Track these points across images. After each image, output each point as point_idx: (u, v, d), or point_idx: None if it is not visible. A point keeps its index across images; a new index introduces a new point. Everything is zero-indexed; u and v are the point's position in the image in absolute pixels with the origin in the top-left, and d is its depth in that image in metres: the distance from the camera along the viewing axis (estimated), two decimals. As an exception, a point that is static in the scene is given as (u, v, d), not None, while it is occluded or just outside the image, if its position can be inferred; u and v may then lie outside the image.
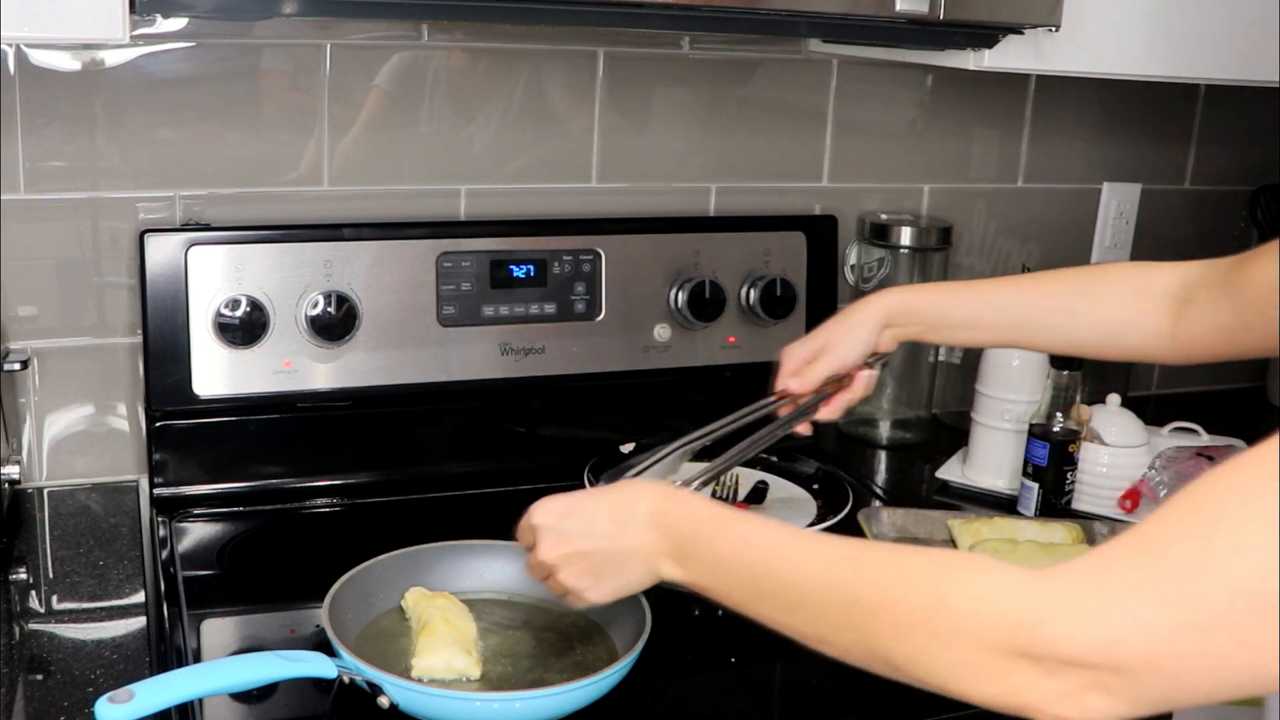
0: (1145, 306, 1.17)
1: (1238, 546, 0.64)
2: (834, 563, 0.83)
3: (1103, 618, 0.67)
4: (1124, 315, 1.19)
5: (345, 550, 1.24)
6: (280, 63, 1.53)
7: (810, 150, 1.81)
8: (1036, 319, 1.23)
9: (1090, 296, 1.20)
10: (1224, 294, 1.11)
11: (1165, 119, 2.02)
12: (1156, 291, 1.17)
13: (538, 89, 1.65)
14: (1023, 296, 1.24)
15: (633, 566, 0.98)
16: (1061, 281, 1.25)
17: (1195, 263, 1.17)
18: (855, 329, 1.26)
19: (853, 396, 1.30)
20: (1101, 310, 1.20)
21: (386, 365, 1.53)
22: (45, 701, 1.08)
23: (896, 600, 0.77)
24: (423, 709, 1.05)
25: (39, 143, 1.45)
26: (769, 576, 0.88)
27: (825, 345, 1.27)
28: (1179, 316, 1.15)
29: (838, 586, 0.81)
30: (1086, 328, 1.21)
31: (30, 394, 1.51)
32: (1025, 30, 1.39)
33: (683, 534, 0.95)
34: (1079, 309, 1.21)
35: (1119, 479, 1.60)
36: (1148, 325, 1.17)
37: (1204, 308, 1.13)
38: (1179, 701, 0.68)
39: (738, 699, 1.17)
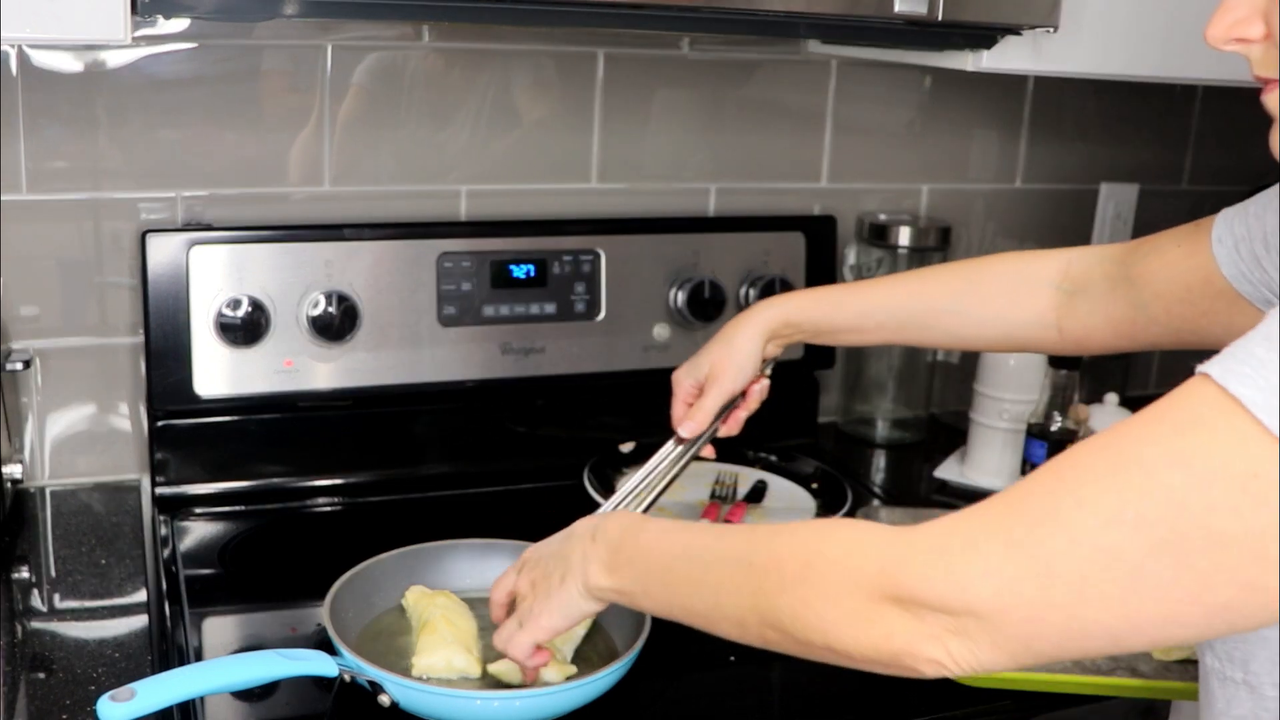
0: (1028, 300, 1.16)
1: (1082, 500, 0.66)
2: (733, 537, 0.88)
3: (955, 562, 0.70)
4: (1007, 310, 1.18)
5: (346, 549, 1.25)
6: (281, 63, 1.53)
7: (809, 151, 1.81)
8: (920, 318, 1.23)
9: (971, 294, 1.19)
10: (1119, 286, 1.10)
11: (1163, 119, 2.03)
12: (1039, 283, 1.16)
13: (537, 89, 1.65)
14: (904, 298, 1.23)
15: (570, 580, 0.98)
16: (943, 279, 1.23)
17: (1079, 250, 1.16)
18: (738, 355, 1.25)
19: (748, 410, 1.31)
20: (984, 307, 1.19)
21: (387, 365, 1.53)
22: (47, 700, 1.08)
23: (780, 559, 0.80)
24: (423, 707, 1.05)
25: (41, 143, 1.45)
26: (683, 559, 0.91)
27: (711, 374, 1.26)
28: (1065, 309, 1.14)
29: (733, 555, 0.85)
30: (972, 325, 1.20)
31: (32, 393, 1.52)
32: (1023, 31, 1.39)
33: (612, 537, 0.96)
34: (961, 307, 1.20)
35: (1117, 478, 1.60)
36: (1031, 319, 1.16)
37: (1094, 300, 1.12)
38: (1044, 653, 0.69)
39: (737, 699, 1.17)
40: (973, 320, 1.19)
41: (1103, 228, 2.01)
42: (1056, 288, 1.15)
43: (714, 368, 1.26)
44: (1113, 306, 1.10)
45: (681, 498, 1.54)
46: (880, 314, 1.24)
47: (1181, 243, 1.04)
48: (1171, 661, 1.21)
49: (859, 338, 1.29)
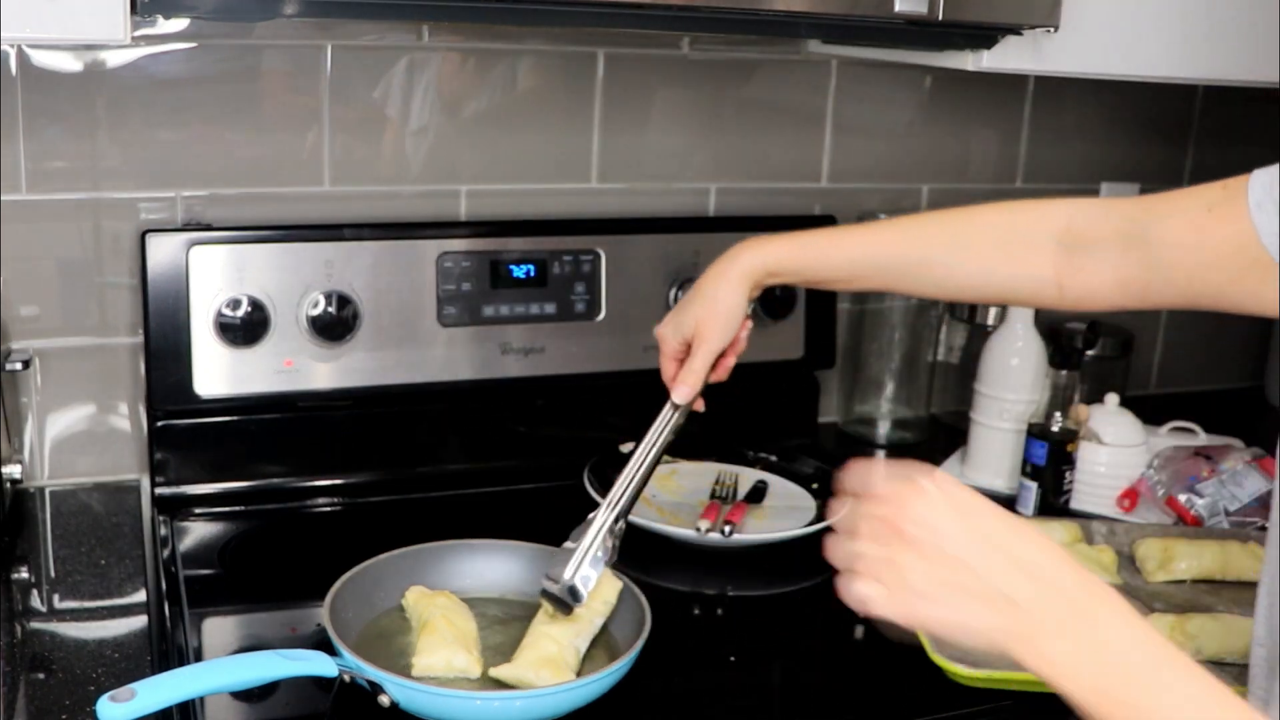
0: (1026, 255, 1.11)
1: None
2: None
3: None
4: (1002, 265, 1.12)
5: (345, 550, 1.25)
6: (281, 63, 1.53)
7: (809, 150, 1.81)
8: (909, 269, 1.18)
9: (965, 247, 1.14)
10: (1134, 247, 1.04)
11: (1164, 119, 2.03)
12: (1039, 237, 1.10)
13: (538, 89, 1.65)
14: (894, 247, 1.18)
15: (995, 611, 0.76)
16: (936, 229, 1.18)
17: (1083, 202, 1.11)
18: (723, 310, 1.20)
19: (737, 354, 1.26)
20: (979, 260, 1.13)
21: (386, 365, 1.53)
22: (47, 700, 1.08)
23: None
24: (423, 707, 1.05)
25: (41, 143, 1.45)
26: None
27: (698, 333, 1.21)
28: (1067, 265, 1.08)
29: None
30: (965, 277, 1.15)
31: (32, 393, 1.52)
32: (1024, 31, 1.39)
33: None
34: (953, 259, 1.15)
35: (1117, 478, 1.60)
36: (1029, 274, 1.11)
37: (1102, 258, 1.06)
38: None
39: (738, 699, 1.17)
40: (966, 273, 1.15)
41: (1103, 228, 2.00)
42: (1058, 243, 1.09)
43: (700, 325, 1.21)
44: (1124, 266, 1.04)
45: (682, 498, 1.54)
46: (867, 264, 1.19)
47: (1213, 207, 0.98)
48: (1172, 662, 1.21)
49: (845, 286, 1.26)
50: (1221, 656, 1.21)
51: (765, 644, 1.30)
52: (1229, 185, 0.97)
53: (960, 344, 1.88)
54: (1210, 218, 0.98)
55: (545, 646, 1.12)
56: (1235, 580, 1.40)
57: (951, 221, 1.17)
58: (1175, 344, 2.16)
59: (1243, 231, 0.95)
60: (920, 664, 1.18)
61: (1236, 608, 1.32)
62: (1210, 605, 1.33)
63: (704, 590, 1.38)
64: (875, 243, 1.20)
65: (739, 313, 1.22)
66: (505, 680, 1.10)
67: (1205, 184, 1.01)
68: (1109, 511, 1.58)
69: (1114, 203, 1.09)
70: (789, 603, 1.41)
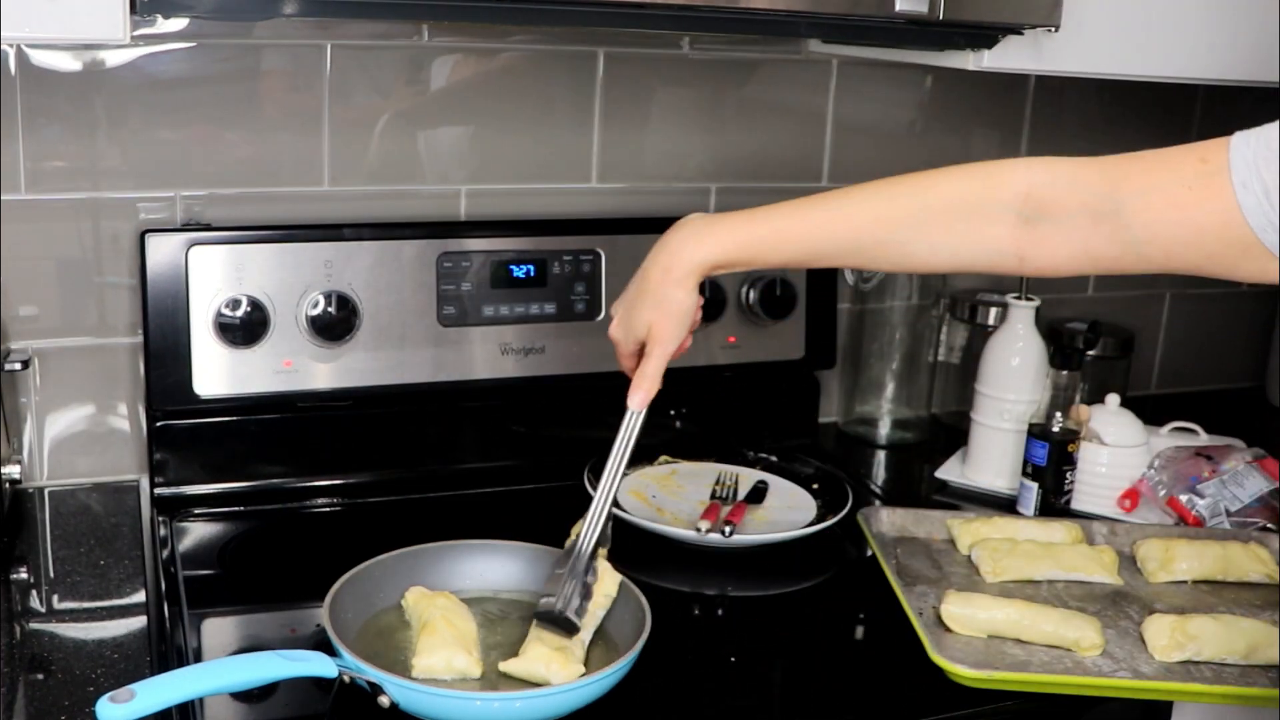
0: (983, 228, 1.06)
1: None
2: None
3: None
4: (958, 241, 1.08)
5: (345, 550, 1.25)
6: (281, 63, 1.53)
7: (810, 150, 1.81)
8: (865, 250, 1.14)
9: (924, 225, 1.09)
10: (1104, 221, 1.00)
11: (1165, 119, 2.02)
12: (996, 208, 1.06)
13: (538, 89, 1.65)
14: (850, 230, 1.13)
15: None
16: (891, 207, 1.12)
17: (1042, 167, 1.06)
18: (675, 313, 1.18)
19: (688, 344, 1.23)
20: (935, 236, 1.09)
21: (386, 365, 1.53)
22: (46, 701, 1.08)
23: None
24: (423, 708, 1.05)
25: (40, 143, 1.45)
26: None
27: (651, 336, 1.19)
28: (1028, 237, 1.04)
29: None
30: (923, 254, 1.11)
31: (31, 394, 1.52)
32: (1025, 30, 1.39)
33: None
34: (908, 237, 1.10)
35: (1118, 479, 1.60)
36: (988, 248, 1.07)
37: (1069, 230, 1.03)
38: None
39: (738, 699, 1.17)
40: (923, 249, 1.10)
41: (1103, 228, 2.00)
42: (1017, 213, 1.05)
43: (653, 328, 1.18)
44: (1093, 240, 1.02)
45: (682, 498, 1.54)
46: (820, 249, 1.14)
47: (1193, 185, 0.95)
48: (1174, 662, 1.21)
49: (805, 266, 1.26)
50: (1223, 657, 1.21)
51: (765, 644, 1.30)
52: (1207, 158, 0.95)
53: (961, 344, 1.88)
54: (1191, 196, 0.95)
55: (553, 639, 1.13)
56: (1236, 581, 1.40)
57: (905, 197, 1.12)
58: (1176, 344, 2.15)
59: (1226, 209, 0.93)
60: (920, 664, 1.18)
61: (1238, 608, 1.32)
62: (1211, 606, 1.33)
63: (704, 590, 1.38)
64: (827, 226, 1.14)
65: (690, 310, 1.19)
66: (516, 674, 1.10)
67: (1178, 150, 0.98)
68: (1110, 512, 1.58)
69: (1078, 171, 1.04)
70: (789, 603, 1.41)
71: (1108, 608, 1.32)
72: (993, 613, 1.24)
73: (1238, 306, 2.17)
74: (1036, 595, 1.33)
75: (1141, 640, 1.24)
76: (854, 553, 1.48)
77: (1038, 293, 1.69)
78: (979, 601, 1.26)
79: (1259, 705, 1.17)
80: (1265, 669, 1.20)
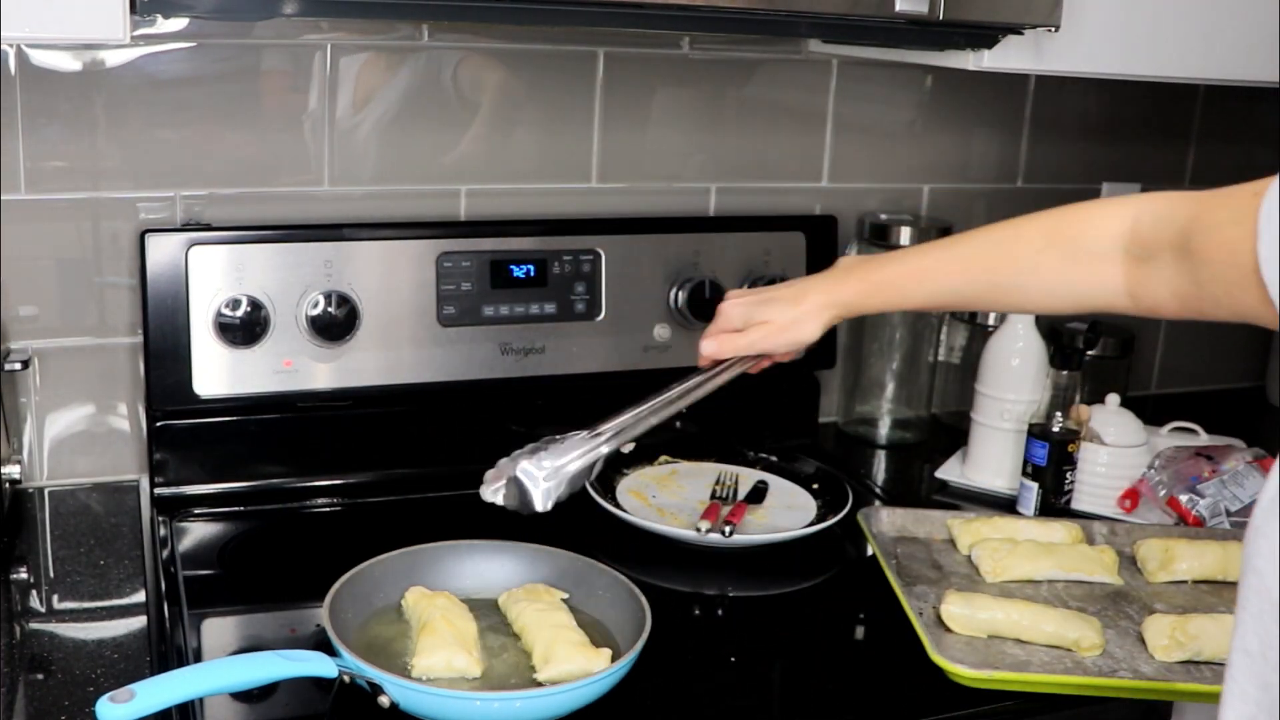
0: (1095, 267, 1.06)
1: None
2: None
3: None
4: (1074, 280, 1.08)
5: (345, 550, 1.25)
6: (281, 63, 1.53)
7: (810, 150, 1.81)
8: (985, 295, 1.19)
9: (1037, 268, 1.10)
10: (1182, 259, 0.97)
11: (1165, 119, 2.02)
12: (1107, 247, 1.05)
13: (538, 89, 1.65)
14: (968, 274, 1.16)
15: None
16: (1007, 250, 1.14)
17: (1147, 203, 1.03)
18: (800, 328, 1.23)
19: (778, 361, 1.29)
20: (1050, 277, 1.10)
21: (386, 365, 1.53)
22: (46, 701, 1.08)
23: None
24: (423, 708, 1.05)
25: (40, 143, 1.45)
26: None
27: (767, 325, 1.24)
28: (1136, 275, 1.03)
29: None
30: (1040, 296, 1.12)
31: (31, 394, 1.52)
32: (1025, 30, 1.39)
33: None
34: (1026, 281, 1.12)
35: (1118, 479, 1.60)
36: (1101, 288, 1.06)
37: (1162, 269, 0.99)
38: None
39: (738, 699, 1.17)
40: (1038, 291, 1.12)
41: (1104, 228, 2.00)
42: (1125, 251, 1.03)
43: (771, 324, 1.24)
44: (1177, 279, 0.98)
45: (682, 498, 1.54)
46: (942, 294, 1.20)
47: (1241, 221, 0.88)
48: (1174, 662, 1.21)
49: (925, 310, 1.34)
50: (1223, 658, 1.20)
51: (765, 644, 1.30)
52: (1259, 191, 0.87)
53: (961, 344, 1.88)
54: (1239, 233, 0.89)
55: (568, 635, 1.13)
56: (1236, 581, 1.39)
57: (1015, 240, 1.14)
58: (1176, 344, 2.15)
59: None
60: (920, 664, 1.18)
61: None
62: (1211, 606, 1.33)
63: (704, 590, 1.38)
64: (944, 270, 1.18)
65: (806, 339, 1.25)
66: (556, 679, 1.09)
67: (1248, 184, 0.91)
68: (1110, 512, 1.58)
69: (1174, 206, 1.00)
70: (789, 603, 1.41)
71: (1108, 608, 1.32)
72: (993, 613, 1.24)
73: (1238, 306, 2.17)
74: (1036, 595, 1.33)
75: (1141, 640, 1.24)
76: (854, 553, 1.48)
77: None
78: (979, 601, 1.26)
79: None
80: (1265, 669, 1.20)
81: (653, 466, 1.63)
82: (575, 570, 1.26)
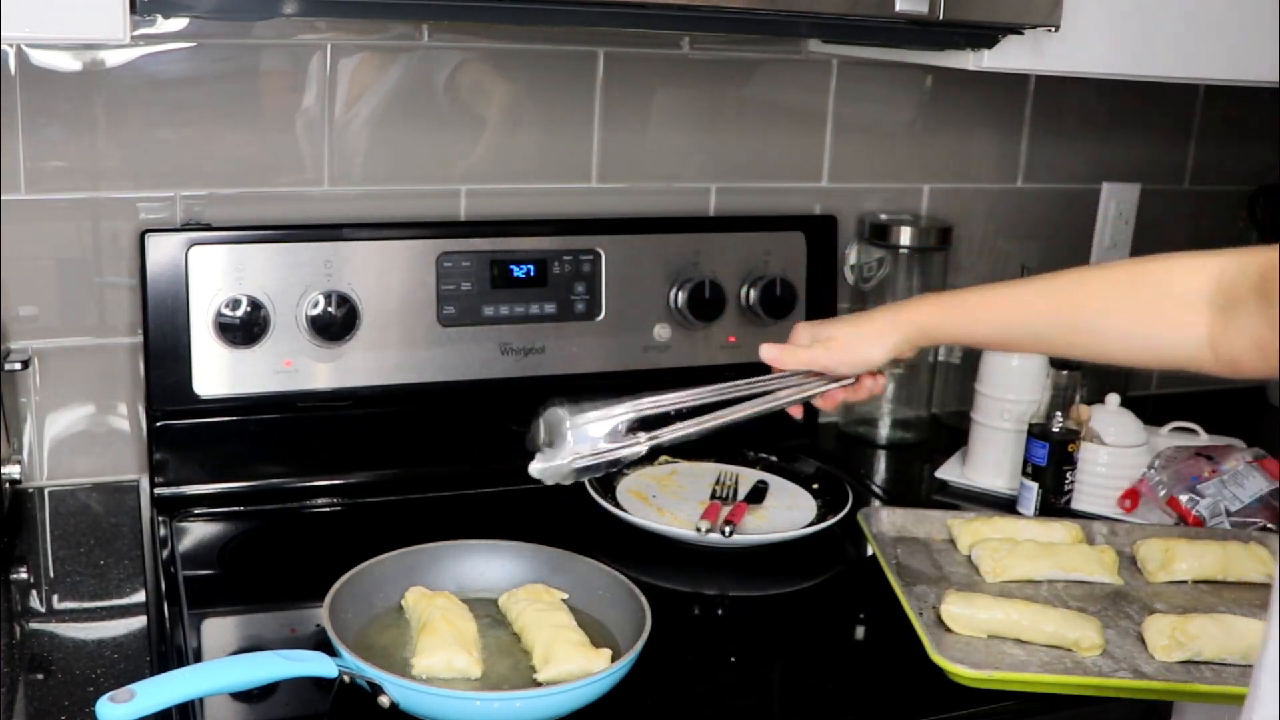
0: (1179, 314, 1.02)
1: None
2: None
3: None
4: (1154, 327, 1.05)
5: (345, 550, 1.25)
6: (281, 63, 1.53)
7: (810, 150, 1.81)
8: (1060, 334, 1.14)
9: (1116, 310, 1.08)
10: (1266, 305, 0.94)
11: (1165, 119, 2.02)
12: (1192, 295, 1.01)
13: (538, 89, 1.65)
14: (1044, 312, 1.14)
15: None
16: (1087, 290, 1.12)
17: (1233, 254, 1.00)
18: (865, 346, 1.22)
19: (854, 397, 1.27)
20: (1130, 322, 1.06)
21: (386, 365, 1.53)
22: (46, 701, 1.08)
23: None
24: (423, 708, 1.05)
25: (40, 143, 1.45)
26: None
27: (831, 341, 1.23)
28: (1219, 326, 0.99)
29: None
30: (1117, 341, 1.08)
31: (31, 394, 1.52)
32: (1025, 30, 1.39)
33: None
34: (1104, 323, 1.09)
35: (1118, 479, 1.60)
36: (1182, 338, 1.02)
37: (1244, 318, 0.96)
38: None
39: (738, 699, 1.17)
40: (1115, 335, 1.08)
41: (1104, 227, 2.00)
42: (1210, 301, 0.99)
43: (837, 341, 1.23)
44: (1258, 326, 0.95)
45: (682, 498, 1.54)
46: (1016, 327, 1.17)
47: None
48: (1174, 662, 1.21)
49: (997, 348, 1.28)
50: (1223, 658, 1.21)
51: (765, 644, 1.30)
52: None
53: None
54: None
55: (568, 635, 1.13)
56: (1237, 581, 1.39)
57: (1105, 279, 1.12)
58: (1176, 344, 2.15)
59: None
60: (920, 664, 1.18)
61: (1238, 609, 1.32)
62: (1212, 606, 1.33)
63: (704, 590, 1.38)
64: (1023, 306, 1.16)
65: (873, 360, 1.22)
66: (556, 679, 1.09)
67: None
68: (1110, 512, 1.58)
69: (1257, 253, 0.97)
70: (789, 603, 1.41)
71: (1108, 608, 1.32)
72: (993, 613, 1.24)
73: (1238, 306, 2.17)
74: (1036, 595, 1.33)
75: (1141, 640, 1.24)
76: (854, 553, 1.48)
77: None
78: (979, 601, 1.26)
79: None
80: (1265, 669, 1.20)
81: (653, 466, 1.63)
82: (575, 570, 1.26)
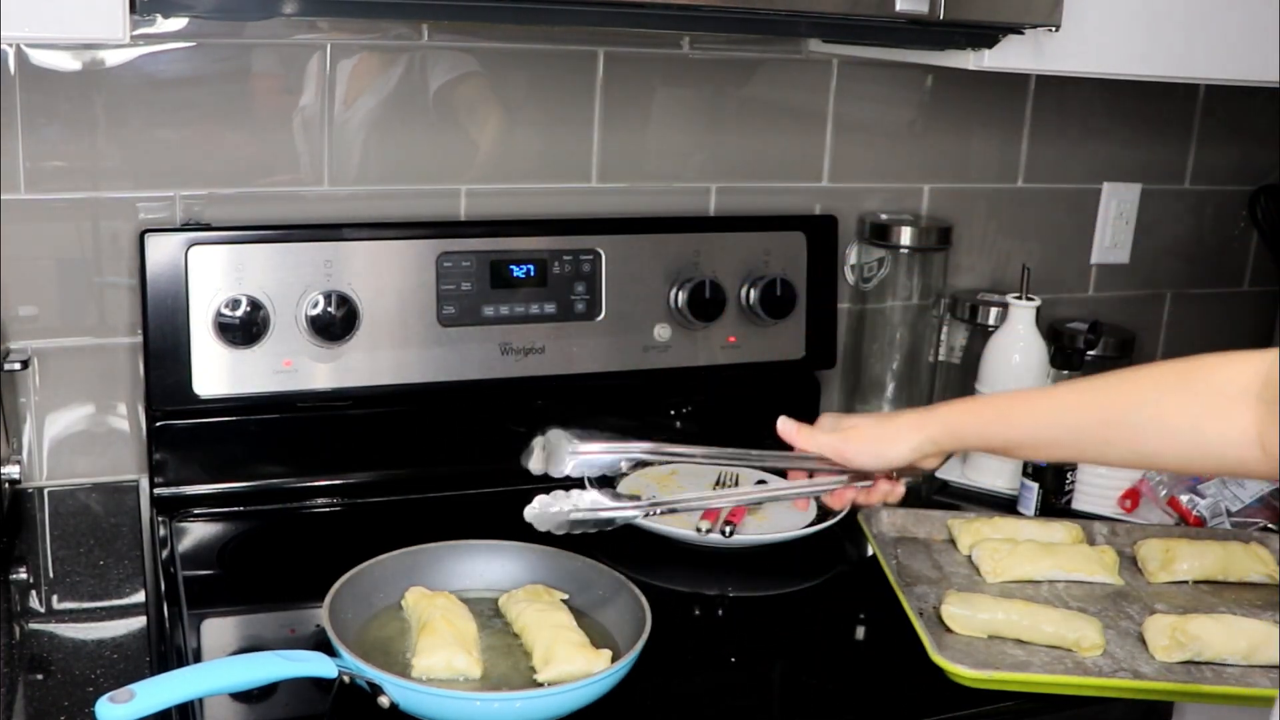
0: (1227, 410, 0.98)
1: None
2: None
3: None
4: (1199, 422, 1.00)
5: (345, 550, 1.25)
6: (280, 63, 1.53)
7: (810, 150, 1.81)
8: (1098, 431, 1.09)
9: (1157, 403, 1.03)
10: None
11: (1165, 119, 2.02)
12: (1237, 391, 0.97)
13: (538, 89, 1.65)
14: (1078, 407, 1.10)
15: None
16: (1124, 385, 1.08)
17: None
18: (887, 441, 1.18)
19: (866, 500, 1.23)
20: (1173, 418, 1.02)
21: (386, 365, 1.53)
22: (46, 701, 1.08)
23: None
24: (423, 708, 1.05)
25: (39, 143, 1.45)
26: None
27: (852, 431, 1.20)
28: (1268, 422, 0.94)
29: None
30: (1160, 437, 1.03)
31: (31, 394, 1.51)
32: (1025, 30, 1.39)
33: None
34: (1144, 418, 1.04)
35: (1119, 479, 1.60)
36: (1234, 434, 0.97)
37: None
38: None
39: (738, 699, 1.17)
40: (1163, 433, 1.03)
41: (1104, 228, 2.00)
42: (1258, 397, 0.95)
43: (858, 432, 1.20)
44: None
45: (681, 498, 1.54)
46: (1051, 425, 1.12)
47: None
48: (1174, 662, 1.21)
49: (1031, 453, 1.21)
50: (1223, 658, 1.21)
51: (765, 644, 1.30)
52: None
53: (961, 344, 1.87)
54: None
55: (568, 635, 1.13)
56: (1237, 581, 1.39)
57: (1144, 377, 1.08)
58: (1177, 344, 2.15)
59: None
60: (920, 664, 1.18)
61: (1238, 609, 1.32)
62: (1212, 606, 1.33)
63: (704, 590, 1.38)
64: (1063, 405, 1.13)
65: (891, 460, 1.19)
66: (556, 680, 1.09)
67: None
68: (1110, 512, 1.58)
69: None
70: (789, 603, 1.41)
71: (1108, 608, 1.32)
72: (993, 613, 1.24)
73: (1238, 306, 2.17)
74: (1037, 595, 1.33)
75: (1142, 640, 1.24)
76: (854, 553, 1.48)
77: (1038, 293, 1.69)
78: (979, 602, 1.26)
79: (1259, 706, 1.17)
80: (1265, 669, 1.20)
81: (653, 466, 1.63)
82: (575, 570, 1.26)
